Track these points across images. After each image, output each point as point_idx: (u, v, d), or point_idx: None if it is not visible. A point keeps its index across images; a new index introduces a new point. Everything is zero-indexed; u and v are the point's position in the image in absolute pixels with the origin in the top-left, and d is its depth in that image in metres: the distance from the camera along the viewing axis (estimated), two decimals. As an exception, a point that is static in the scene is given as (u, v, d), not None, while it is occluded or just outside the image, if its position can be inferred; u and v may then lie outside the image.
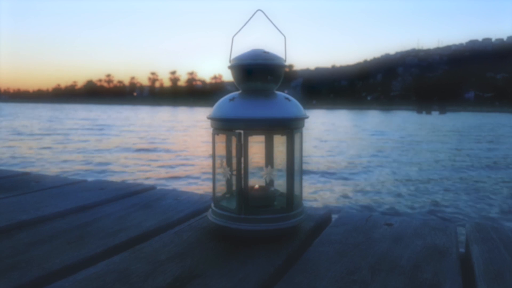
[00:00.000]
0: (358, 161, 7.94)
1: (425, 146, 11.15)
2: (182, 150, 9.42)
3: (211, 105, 0.68)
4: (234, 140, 0.62)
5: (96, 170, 6.46)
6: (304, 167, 0.68)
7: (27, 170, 1.22)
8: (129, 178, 5.80)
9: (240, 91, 0.66)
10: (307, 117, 0.66)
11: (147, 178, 5.82)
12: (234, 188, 0.67)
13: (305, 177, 0.73)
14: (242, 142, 0.61)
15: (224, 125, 0.64)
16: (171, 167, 7.00)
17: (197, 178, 6.04)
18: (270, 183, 0.70)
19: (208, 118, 0.66)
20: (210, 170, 0.67)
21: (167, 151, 9.29)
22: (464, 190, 5.41)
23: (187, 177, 6.08)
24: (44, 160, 7.54)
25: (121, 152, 8.94)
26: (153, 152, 9.06)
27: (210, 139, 0.67)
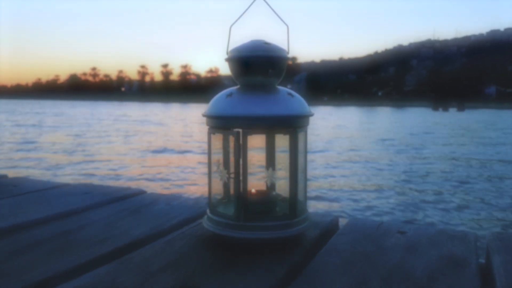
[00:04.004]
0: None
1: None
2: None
3: (207, 101, 0.68)
4: (232, 139, 0.63)
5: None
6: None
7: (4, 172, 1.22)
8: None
9: (238, 86, 0.67)
10: (312, 115, 0.66)
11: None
12: (232, 192, 0.67)
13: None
14: (241, 142, 0.61)
15: (221, 124, 0.64)
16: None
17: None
18: (272, 187, 0.70)
19: (204, 115, 0.66)
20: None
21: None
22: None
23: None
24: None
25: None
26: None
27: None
